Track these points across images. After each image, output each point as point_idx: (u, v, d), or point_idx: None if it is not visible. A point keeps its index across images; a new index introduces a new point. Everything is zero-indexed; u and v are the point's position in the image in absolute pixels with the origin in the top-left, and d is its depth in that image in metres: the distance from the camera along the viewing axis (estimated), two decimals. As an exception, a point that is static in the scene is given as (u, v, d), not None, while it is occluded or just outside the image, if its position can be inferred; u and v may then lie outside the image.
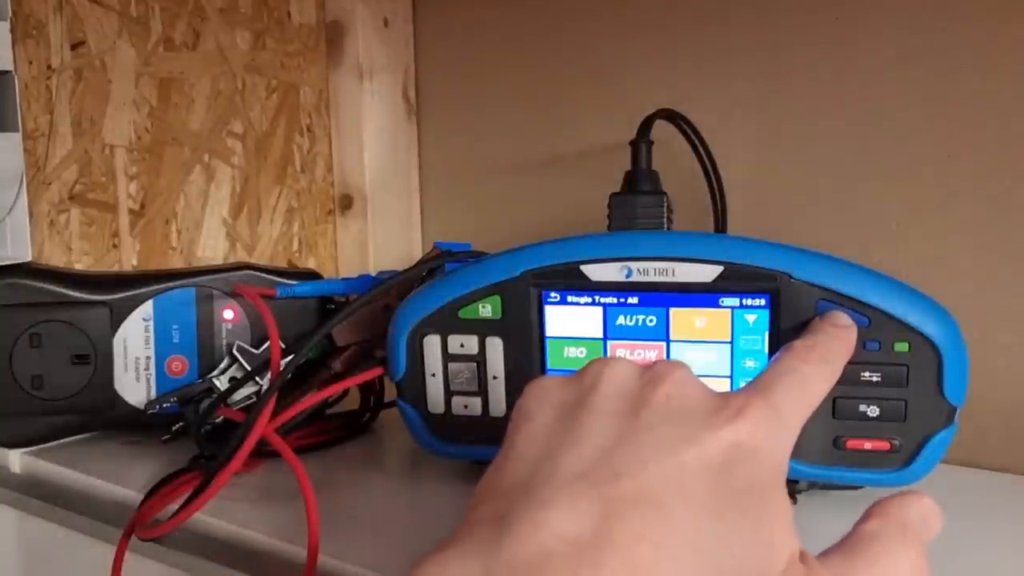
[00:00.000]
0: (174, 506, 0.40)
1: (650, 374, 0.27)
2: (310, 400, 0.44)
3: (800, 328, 0.36)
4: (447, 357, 0.41)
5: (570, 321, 0.39)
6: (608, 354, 0.39)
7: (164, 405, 0.49)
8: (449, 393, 0.41)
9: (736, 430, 0.25)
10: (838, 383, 0.36)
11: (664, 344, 0.39)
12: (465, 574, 0.21)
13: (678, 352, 0.38)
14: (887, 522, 0.26)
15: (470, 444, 0.42)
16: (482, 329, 0.40)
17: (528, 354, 0.40)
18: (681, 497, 0.23)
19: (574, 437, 0.25)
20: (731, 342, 0.38)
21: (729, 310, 0.37)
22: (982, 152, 0.49)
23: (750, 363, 0.38)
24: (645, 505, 0.22)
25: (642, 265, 0.37)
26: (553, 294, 0.39)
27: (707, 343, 0.38)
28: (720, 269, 0.36)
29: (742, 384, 0.38)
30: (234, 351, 0.49)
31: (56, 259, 0.54)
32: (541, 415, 0.27)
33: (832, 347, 0.32)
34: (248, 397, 0.48)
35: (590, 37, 0.62)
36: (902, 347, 0.35)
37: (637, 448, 0.24)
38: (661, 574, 0.21)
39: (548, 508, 0.22)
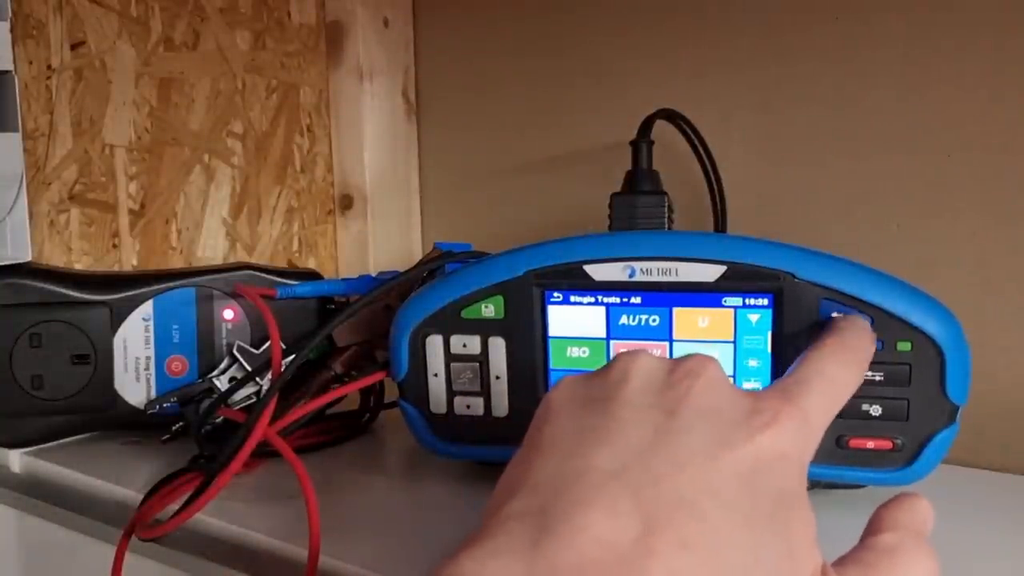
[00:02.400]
0: (174, 506, 0.40)
1: (683, 369, 0.26)
2: (311, 406, 0.44)
3: (802, 328, 0.36)
4: (449, 357, 0.41)
5: (573, 321, 0.39)
6: (611, 354, 0.39)
7: (164, 405, 0.49)
8: (451, 393, 0.41)
9: (772, 437, 0.24)
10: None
11: (667, 344, 0.39)
12: (507, 573, 0.20)
13: (681, 352, 0.38)
14: (903, 533, 0.25)
15: (472, 444, 0.42)
16: (484, 329, 0.40)
17: (531, 354, 0.40)
18: (717, 503, 0.22)
19: (605, 432, 0.24)
20: (734, 342, 0.38)
21: (732, 310, 0.37)
22: (982, 152, 0.49)
23: (753, 363, 0.38)
24: (684, 511, 0.22)
25: (645, 265, 0.37)
26: (556, 294, 0.39)
27: (710, 343, 0.38)
28: (723, 269, 0.36)
29: (745, 385, 0.38)
30: (234, 351, 0.49)
31: (56, 259, 0.54)
32: (568, 410, 0.26)
33: (860, 352, 0.31)
34: (248, 397, 0.48)
35: (590, 37, 0.62)
36: (904, 346, 0.35)
37: (674, 449, 0.23)
38: None
39: (588, 511, 0.21)
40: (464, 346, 0.41)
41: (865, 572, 0.24)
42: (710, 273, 0.37)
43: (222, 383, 0.49)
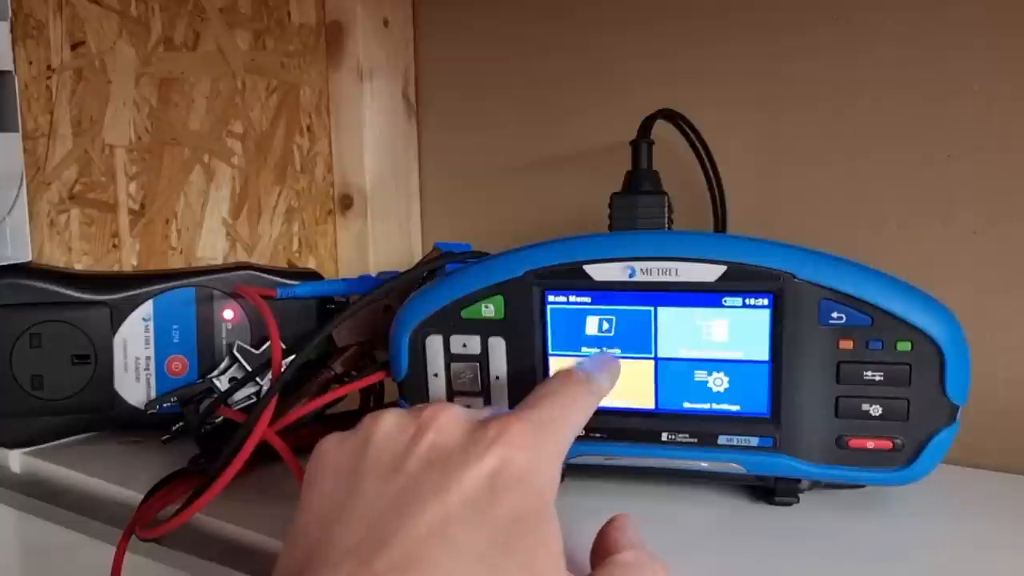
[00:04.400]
0: (174, 506, 0.40)
1: (417, 423, 0.27)
2: (311, 406, 0.44)
3: (803, 328, 0.36)
4: (449, 357, 0.41)
5: (573, 321, 0.39)
6: (608, 355, 0.39)
7: (164, 405, 0.49)
8: (451, 393, 0.41)
9: (499, 453, 0.25)
10: (841, 382, 0.36)
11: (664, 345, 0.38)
12: None
13: (678, 354, 0.38)
14: (640, 552, 0.28)
15: (472, 444, 0.42)
16: (484, 329, 0.40)
17: (531, 354, 0.40)
18: (446, 547, 0.23)
19: (349, 508, 0.25)
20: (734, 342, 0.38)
21: (732, 310, 0.37)
22: (982, 152, 0.49)
23: (751, 363, 0.38)
24: (414, 567, 0.22)
25: (645, 265, 0.37)
26: (556, 294, 0.39)
27: (709, 343, 0.38)
28: (723, 269, 0.36)
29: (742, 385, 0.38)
30: (234, 351, 0.49)
31: (56, 259, 0.54)
32: (321, 484, 0.27)
33: (595, 369, 0.33)
34: (248, 397, 0.48)
35: (590, 37, 0.62)
36: (904, 346, 0.35)
37: (400, 505, 0.24)
38: None
39: None
40: (464, 346, 0.40)
41: None
42: (710, 273, 0.37)
43: (222, 383, 0.49)
